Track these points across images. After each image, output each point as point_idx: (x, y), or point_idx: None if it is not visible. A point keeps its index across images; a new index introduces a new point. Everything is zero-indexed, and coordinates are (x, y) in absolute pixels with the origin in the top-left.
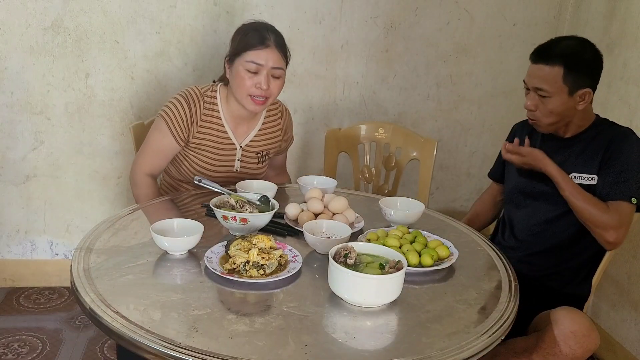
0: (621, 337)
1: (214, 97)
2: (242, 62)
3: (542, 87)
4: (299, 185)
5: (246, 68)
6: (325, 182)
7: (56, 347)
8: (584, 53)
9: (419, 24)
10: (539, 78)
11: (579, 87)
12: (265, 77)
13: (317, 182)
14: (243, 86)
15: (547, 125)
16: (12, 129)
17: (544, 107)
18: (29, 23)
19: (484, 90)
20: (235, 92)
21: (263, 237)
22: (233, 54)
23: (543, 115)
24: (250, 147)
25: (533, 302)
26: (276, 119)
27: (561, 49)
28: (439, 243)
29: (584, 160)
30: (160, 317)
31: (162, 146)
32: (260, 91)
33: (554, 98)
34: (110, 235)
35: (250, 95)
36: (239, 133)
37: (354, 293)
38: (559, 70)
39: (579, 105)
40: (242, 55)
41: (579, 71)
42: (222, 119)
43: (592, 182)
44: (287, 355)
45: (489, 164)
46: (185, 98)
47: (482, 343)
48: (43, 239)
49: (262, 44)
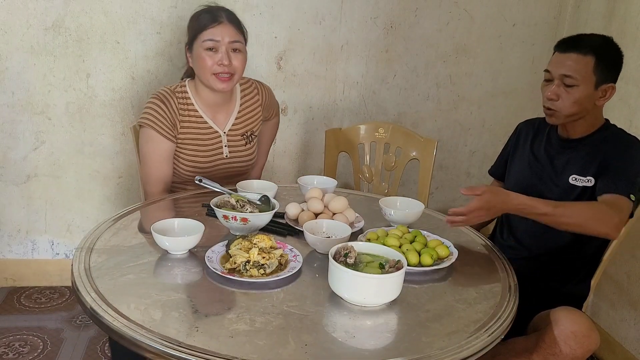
0: (620, 337)
1: (185, 92)
2: (199, 43)
3: (571, 75)
4: (299, 185)
5: (205, 47)
6: (325, 182)
7: (57, 347)
8: (612, 48)
9: (419, 24)
10: (568, 66)
11: (604, 81)
12: (225, 53)
13: (317, 182)
14: (205, 67)
15: (566, 116)
16: (13, 129)
17: (567, 96)
18: (30, 23)
19: (483, 90)
20: (200, 76)
21: (263, 237)
22: (190, 40)
23: (565, 106)
24: (234, 131)
25: (532, 302)
26: (253, 97)
27: (592, 40)
28: (439, 243)
29: (585, 163)
30: (161, 317)
31: (160, 152)
32: (223, 67)
33: (580, 87)
34: (111, 235)
35: (214, 73)
36: (220, 120)
37: (354, 292)
38: (590, 60)
39: (599, 100)
40: (198, 37)
41: (607, 64)
42: (198, 111)
43: (589, 184)
44: (287, 355)
45: (489, 163)
46: (159, 98)
47: (481, 342)
48: (44, 239)
49: (215, 21)
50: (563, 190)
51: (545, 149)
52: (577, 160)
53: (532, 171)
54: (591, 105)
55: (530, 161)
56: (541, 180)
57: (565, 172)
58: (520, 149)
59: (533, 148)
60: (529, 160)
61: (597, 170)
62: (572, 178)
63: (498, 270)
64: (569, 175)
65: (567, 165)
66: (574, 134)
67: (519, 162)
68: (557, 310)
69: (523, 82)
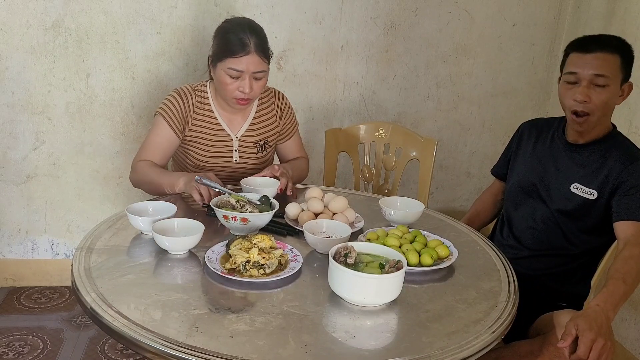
0: (621, 337)
1: (205, 92)
2: (223, 67)
3: (604, 74)
4: (241, 186)
5: (228, 74)
6: (267, 183)
7: (57, 347)
8: (629, 45)
9: (419, 25)
10: (598, 66)
11: (626, 79)
12: (247, 82)
13: (260, 182)
14: (226, 90)
15: (597, 118)
16: (13, 129)
17: (598, 97)
18: (30, 23)
19: (483, 91)
20: (219, 92)
21: (263, 237)
22: (215, 57)
23: (597, 107)
24: (247, 137)
25: (533, 302)
26: (269, 105)
27: (612, 39)
28: (439, 242)
29: (589, 173)
30: (161, 317)
31: (160, 139)
32: (243, 94)
33: (611, 87)
34: (111, 235)
35: (234, 97)
36: (234, 124)
37: (354, 292)
38: (617, 59)
39: (619, 100)
40: (223, 61)
41: (629, 62)
42: (214, 112)
43: (591, 197)
44: (287, 355)
45: (489, 163)
46: (178, 93)
47: (481, 342)
48: (44, 239)
49: (243, 50)
50: (563, 196)
51: (549, 151)
52: (581, 168)
53: (533, 173)
54: (614, 105)
55: (532, 163)
56: (542, 183)
57: (567, 178)
58: (523, 149)
59: (536, 149)
60: (531, 162)
61: (602, 184)
62: (573, 186)
63: (498, 270)
64: (571, 182)
65: (569, 171)
66: (584, 138)
67: (520, 163)
68: (561, 312)
69: (523, 82)
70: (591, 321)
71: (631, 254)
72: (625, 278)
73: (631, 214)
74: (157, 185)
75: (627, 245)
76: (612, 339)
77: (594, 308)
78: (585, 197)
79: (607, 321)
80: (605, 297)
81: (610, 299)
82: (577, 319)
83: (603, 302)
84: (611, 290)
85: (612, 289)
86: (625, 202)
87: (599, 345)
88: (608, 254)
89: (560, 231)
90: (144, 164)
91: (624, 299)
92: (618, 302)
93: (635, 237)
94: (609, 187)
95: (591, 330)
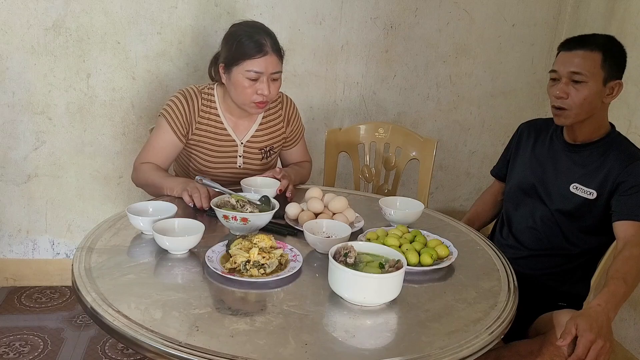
0: (620, 337)
1: (212, 95)
2: (241, 71)
3: (579, 71)
4: (241, 186)
5: (247, 77)
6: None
7: (57, 346)
8: (617, 45)
9: (419, 25)
10: (576, 63)
11: (612, 77)
12: (266, 84)
13: (260, 182)
14: (245, 94)
15: (575, 115)
16: (14, 129)
17: (577, 93)
18: (31, 23)
19: (483, 91)
20: (235, 99)
21: (263, 237)
22: (230, 62)
23: (575, 104)
24: (252, 143)
25: (532, 301)
26: (276, 111)
27: (597, 37)
28: (439, 242)
29: (588, 173)
30: (162, 316)
31: (163, 142)
32: (263, 97)
33: (589, 84)
34: (112, 235)
35: (253, 101)
36: (240, 129)
37: (354, 292)
38: (598, 56)
39: (607, 98)
40: (240, 64)
41: (614, 60)
42: (220, 116)
43: (591, 197)
44: (287, 354)
45: (489, 163)
46: (183, 95)
47: (481, 342)
48: (44, 239)
49: (261, 51)
50: (562, 196)
51: (548, 152)
52: (580, 168)
53: (533, 173)
54: (599, 103)
55: (531, 163)
56: (541, 183)
57: (566, 178)
58: (522, 150)
59: (535, 150)
60: (530, 162)
61: (601, 184)
62: (573, 186)
63: (498, 270)
64: (570, 182)
65: (569, 171)
66: (580, 138)
67: (520, 163)
68: (561, 312)
69: (523, 82)
70: (592, 321)
71: (631, 254)
72: (626, 278)
73: (631, 214)
74: (159, 189)
75: (627, 245)
76: (611, 340)
77: (595, 308)
78: (584, 197)
79: (607, 322)
80: (606, 297)
81: (611, 299)
82: (578, 318)
83: (604, 302)
84: (612, 290)
85: (614, 289)
86: (624, 202)
87: (597, 346)
88: (607, 253)
89: (560, 231)
90: (148, 166)
91: (624, 299)
92: (619, 303)
93: (635, 237)
94: (608, 186)
95: (591, 330)
